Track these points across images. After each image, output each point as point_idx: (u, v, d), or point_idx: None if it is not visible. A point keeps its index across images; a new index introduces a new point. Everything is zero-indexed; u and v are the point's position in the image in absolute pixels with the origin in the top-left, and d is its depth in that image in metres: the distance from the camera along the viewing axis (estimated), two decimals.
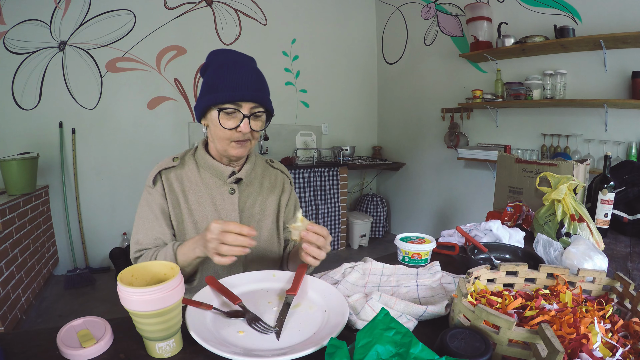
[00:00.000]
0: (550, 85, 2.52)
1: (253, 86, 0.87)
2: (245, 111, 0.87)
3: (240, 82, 0.86)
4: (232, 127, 0.87)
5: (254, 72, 0.89)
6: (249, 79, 0.87)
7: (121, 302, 0.53)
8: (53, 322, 2.19)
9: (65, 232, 2.80)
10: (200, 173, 0.97)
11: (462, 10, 3.08)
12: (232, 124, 0.87)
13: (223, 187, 0.96)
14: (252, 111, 0.88)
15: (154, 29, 2.95)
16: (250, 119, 0.88)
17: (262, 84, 0.90)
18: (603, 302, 0.64)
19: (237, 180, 0.97)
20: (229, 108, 0.86)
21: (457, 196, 3.40)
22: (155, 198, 0.93)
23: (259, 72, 0.92)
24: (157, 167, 0.95)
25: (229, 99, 0.85)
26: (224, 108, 0.86)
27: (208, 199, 0.95)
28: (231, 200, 0.96)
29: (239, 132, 0.87)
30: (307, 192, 3.24)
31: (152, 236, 0.91)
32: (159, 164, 0.95)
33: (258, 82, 0.89)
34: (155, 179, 0.93)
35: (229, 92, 0.85)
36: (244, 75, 0.87)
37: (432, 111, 3.51)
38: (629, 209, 1.29)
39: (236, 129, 0.87)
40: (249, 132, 0.88)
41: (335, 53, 3.85)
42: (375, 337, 0.45)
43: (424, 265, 0.94)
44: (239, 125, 0.86)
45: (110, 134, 2.90)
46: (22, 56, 2.57)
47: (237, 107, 0.86)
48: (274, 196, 1.05)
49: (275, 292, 0.77)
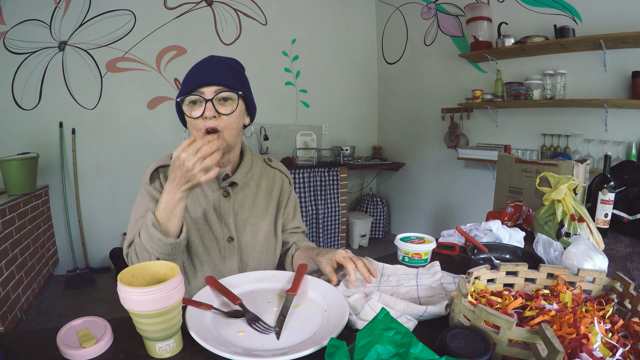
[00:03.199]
0: (550, 85, 2.52)
1: (214, 71, 0.86)
2: (208, 95, 0.84)
3: (200, 71, 0.86)
4: (198, 116, 0.84)
5: (221, 63, 0.88)
6: (210, 67, 0.86)
7: (121, 302, 0.53)
8: (53, 322, 2.19)
9: (65, 232, 2.80)
10: None
11: (462, 10, 3.08)
12: (197, 113, 0.85)
13: (217, 191, 0.95)
14: (216, 93, 0.85)
15: (154, 29, 2.95)
16: (215, 103, 0.84)
17: (227, 69, 0.88)
18: (603, 302, 0.64)
19: (231, 184, 0.95)
20: (193, 96, 0.84)
21: (457, 196, 3.40)
22: (153, 195, 0.90)
23: (232, 65, 0.90)
24: (154, 164, 0.92)
25: (189, 88, 0.85)
26: (187, 97, 0.85)
27: (204, 202, 0.94)
28: (225, 203, 0.94)
29: (206, 120, 0.84)
30: (307, 192, 3.24)
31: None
32: (156, 162, 0.93)
33: (222, 68, 0.87)
34: (152, 177, 0.91)
35: (190, 81, 0.85)
36: (207, 65, 0.87)
37: (432, 111, 3.51)
38: (629, 209, 1.29)
39: (202, 115, 0.84)
40: (215, 118, 0.84)
41: (335, 53, 3.85)
42: (375, 337, 0.45)
43: (424, 265, 0.94)
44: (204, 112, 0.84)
45: (110, 134, 2.90)
46: (22, 56, 2.57)
47: (199, 94, 0.84)
48: (272, 198, 1.03)
49: (275, 292, 0.77)
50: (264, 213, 1.00)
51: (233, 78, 0.87)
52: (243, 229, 0.97)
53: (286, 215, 1.06)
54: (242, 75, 0.93)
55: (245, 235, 0.96)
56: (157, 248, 0.75)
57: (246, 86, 0.92)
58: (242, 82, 0.91)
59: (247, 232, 0.97)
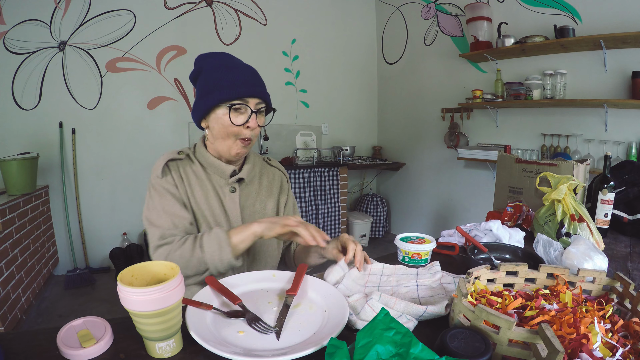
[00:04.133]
0: (550, 85, 2.52)
1: (256, 82, 0.90)
2: (252, 107, 0.90)
3: (242, 79, 0.88)
4: (241, 123, 0.89)
5: (251, 69, 0.93)
6: (250, 76, 0.90)
7: (121, 302, 0.53)
8: (53, 322, 2.19)
9: (65, 232, 2.80)
10: (204, 169, 0.98)
11: (462, 10, 3.08)
12: (241, 120, 0.89)
13: (225, 186, 0.97)
14: (257, 107, 0.91)
15: (154, 29, 2.95)
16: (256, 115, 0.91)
17: (261, 80, 0.94)
18: (603, 302, 0.64)
19: (237, 180, 0.98)
20: (238, 104, 0.88)
21: (457, 196, 3.40)
22: (168, 187, 0.90)
23: (254, 69, 0.95)
24: (163, 158, 0.92)
25: (237, 95, 0.87)
26: (234, 104, 0.88)
27: (213, 194, 0.96)
28: (232, 198, 0.97)
29: (247, 129, 0.90)
30: (307, 192, 3.24)
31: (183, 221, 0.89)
32: (164, 156, 0.93)
33: (258, 78, 0.92)
34: (164, 170, 0.91)
35: (236, 88, 0.87)
36: (243, 72, 0.90)
37: (432, 111, 3.51)
38: (629, 209, 1.29)
39: (244, 124, 0.89)
40: (256, 128, 0.92)
41: (335, 53, 3.85)
42: (375, 337, 0.45)
43: (424, 265, 0.94)
44: (248, 121, 0.89)
45: (110, 134, 2.90)
46: (22, 56, 2.57)
47: (244, 102, 0.89)
48: (273, 195, 1.06)
49: (275, 292, 0.77)
50: (266, 210, 1.04)
51: (267, 92, 0.94)
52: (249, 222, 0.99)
53: (287, 212, 1.09)
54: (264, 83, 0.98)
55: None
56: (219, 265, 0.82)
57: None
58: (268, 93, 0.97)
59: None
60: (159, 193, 0.90)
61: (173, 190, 0.91)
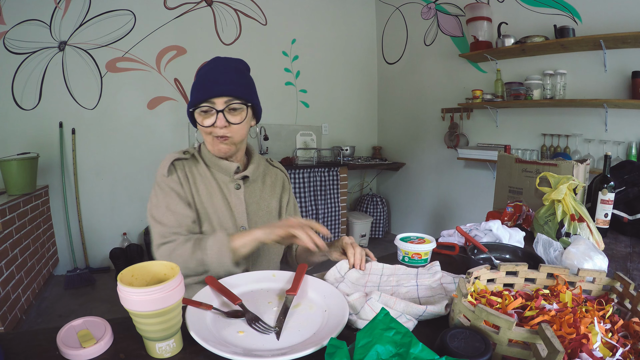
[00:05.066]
0: (550, 85, 2.52)
1: (225, 81, 0.89)
2: (219, 106, 0.88)
3: (212, 80, 0.89)
4: (209, 125, 0.89)
5: (229, 69, 0.91)
6: (221, 76, 0.89)
7: (121, 302, 0.53)
8: (53, 322, 2.19)
9: (65, 232, 2.80)
10: (209, 168, 0.99)
11: (462, 10, 3.08)
12: (209, 122, 0.90)
13: (230, 183, 0.99)
14: (227, 105, 0.89)
15: (154, 29, 2.95)
16: (225, 113, 0.89)
17: (238, 78, 0.91)
18: (603, 302, 0.64)
19: (242, 177, 1.00)
20: (204, 106, 0.89)
21: (457, 196, 3.40)
22: (174, 186, 0.92)
23: (239, 68, 0.93)
24: (168, 157, 0.94)
25: (201, 98, 0.88)
26: (199, 107, 0.89)
27: (218, 192, 0.97)
28: (237, 194, 0.99)
29: (216, 128, 0.89)
30: (307, 192, 3.24)
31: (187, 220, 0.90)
32: (170, 155, 0.95)
33: (232, 76, 0.90)
34: (169, 169, 0.93)
35: (201, 91, 0.88)
36: (216, 73, 0.90)
37: (432, 111, 3.51)
38: (629, 209, 1.29)
39: (213, 125, 0.89)
40: (225, 127, 0.89)
41: (335, 53, 3.85)
42: (375, 337, 0.45)
43: (424, 265, 0.94)
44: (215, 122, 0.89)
45: (110, 134, 2.90)
46: (22, 56, 2.57)
47: (210, 104, 0.88)
48: (276, 194, 1.08)
49: (275, 292, 0.77)
50: (269, 208, 1.06)
51: (242, 87, 0.91)
52: (253, 221, 1.01)
53: (288, 211, 1.11)
54: (249, 80, 0.96)
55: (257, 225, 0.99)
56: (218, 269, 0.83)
57: (253, 91, 0.95)
58: (250, 88, 0.94)
59: (257, 224, 1.01)
60: (164, 191, 0.92)
61: (178, 188, 0.92)
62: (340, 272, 0.85)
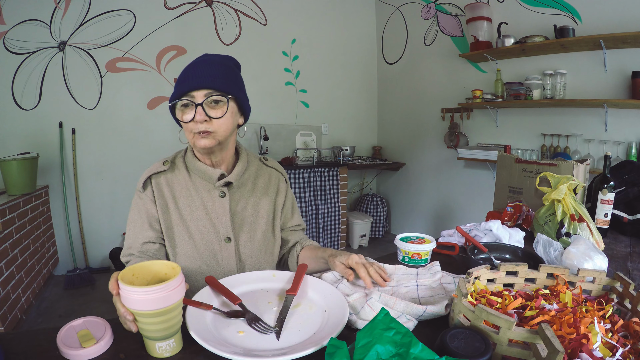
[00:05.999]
0: (550, 85, 2.52)
1: (205, 74, 0.85)
2: (198, 99, 0.84)
3: (191, 74, 0.85)
4: (190, 119, 0.85)
5: (214, 63, 0.88)
6: (203, 69, 0.86)
7: (122, 301, 0.53)
8: (53, 322, 2.19)
9: (65, 232, 2.80)
10: (191, 176, 0.95)
11: (462, 10, 3.08)
12: (189, 117, 0.85)
13: (213, 191, 0.94)
14: (206, 97, 0.84)
15: (154, 29, 2.95)
16: (205, 106, 0.85)
17: (221, 72, 0.87)
18: (603, 302, 0.64)
19: (227, 184, 0.95)
20: (183, 99, 0.85)
21: (457, 196, 3.40)
22: (144, 203, 0.93)
23: (225, 63, 0.90)
24: (147, 171, 0.94)
25: (180, 92, 0.85)
26: (178, 101, 0.86)
27: (199, 203, 0.94)
28: (222, 203, 0.94)
29: (197, 123, 0.85)
30: (307, 192, 3.24)
31: (140, 241, 0.91)
32: (149, 169, 0.95)
33: (215, 70, 0.86)
34: (145, 184, 0.93)
35: (181, 85, 0.85)
36: (199, 68, 0.86)
37: (432, 111, 3.51)
38: (629, 209, 1.29)
39: (193, 120, 0.85)
40: (206, 122, 0.85)
41: (335, 53, 3.85)
42: (375, 337, 0.45)
43: (424, 265, 0.94)
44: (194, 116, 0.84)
45: (110, 134, 2.90)
46: (22, 56, 2.57)
47: (189, 97, 0.85)
48: (269, 197, 1.02)
49: (275, 292, 0.77)
50: (261, 212, 1.00)
51: (223, 80, 0.86)
52: (240, 229, 0.96)
53: (285, 213, 1.06)
54: (235, 75, 0.91)
55: (243, 235, 0.96)
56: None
57: (238, 86, 0.91)
58: (234, 82, 0.90)
59: (245, 231, 0.97)
60: (135, 206, 0.94)
61: (148, 205, 0.92)
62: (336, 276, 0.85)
